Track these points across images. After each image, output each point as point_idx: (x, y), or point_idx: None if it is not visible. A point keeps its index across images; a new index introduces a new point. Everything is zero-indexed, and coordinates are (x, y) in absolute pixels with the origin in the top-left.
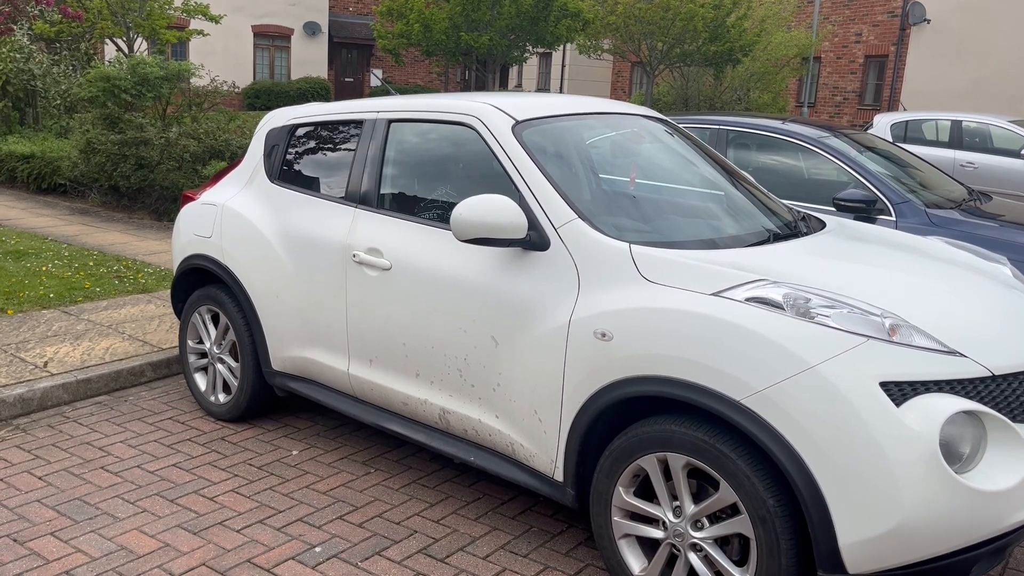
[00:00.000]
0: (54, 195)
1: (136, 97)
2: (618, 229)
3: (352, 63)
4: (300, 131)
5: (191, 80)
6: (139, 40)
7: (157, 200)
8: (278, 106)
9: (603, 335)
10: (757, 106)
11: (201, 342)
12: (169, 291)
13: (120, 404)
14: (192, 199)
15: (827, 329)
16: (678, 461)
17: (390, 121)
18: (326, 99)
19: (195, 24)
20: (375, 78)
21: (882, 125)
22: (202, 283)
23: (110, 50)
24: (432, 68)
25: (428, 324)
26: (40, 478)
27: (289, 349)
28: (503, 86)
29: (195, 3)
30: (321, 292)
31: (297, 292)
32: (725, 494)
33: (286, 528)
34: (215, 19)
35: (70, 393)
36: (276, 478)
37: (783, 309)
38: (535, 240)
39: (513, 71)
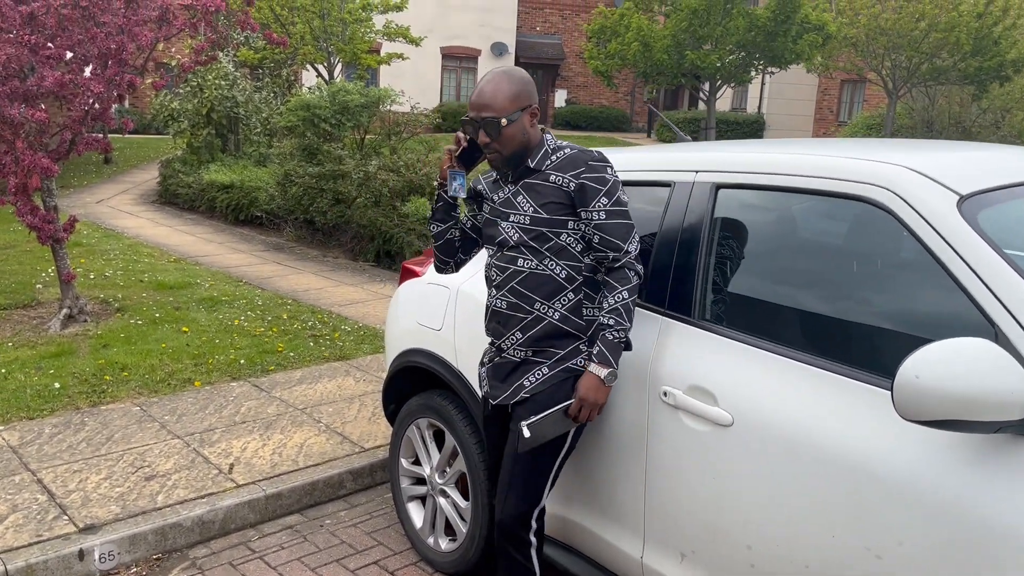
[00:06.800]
0: (250, 227)
1: (335, 127)
2: None
3: (538, 83)
4: None
5: (391, 105)
6: (338, 65)
7: (353, 239)
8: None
9: None
10: (1019, 131)
11: (418, 462)
12: (368, 358)
13: (315, 531)
14: (415, 274)
15: None
16: None
17: (717, 187)
18: None
19: (389, 47)
20: (560, 99)
21: None
22: (423, 385)
23: (308, 76)
24: (612, 87)
25: (804, 527)
26: None
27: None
28: (693, 106)
29: (396, 26)
30: (607, 433)
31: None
32: None
33: None
34: (415, 41)
35: (257, 513)
36: None
37: None
38: None
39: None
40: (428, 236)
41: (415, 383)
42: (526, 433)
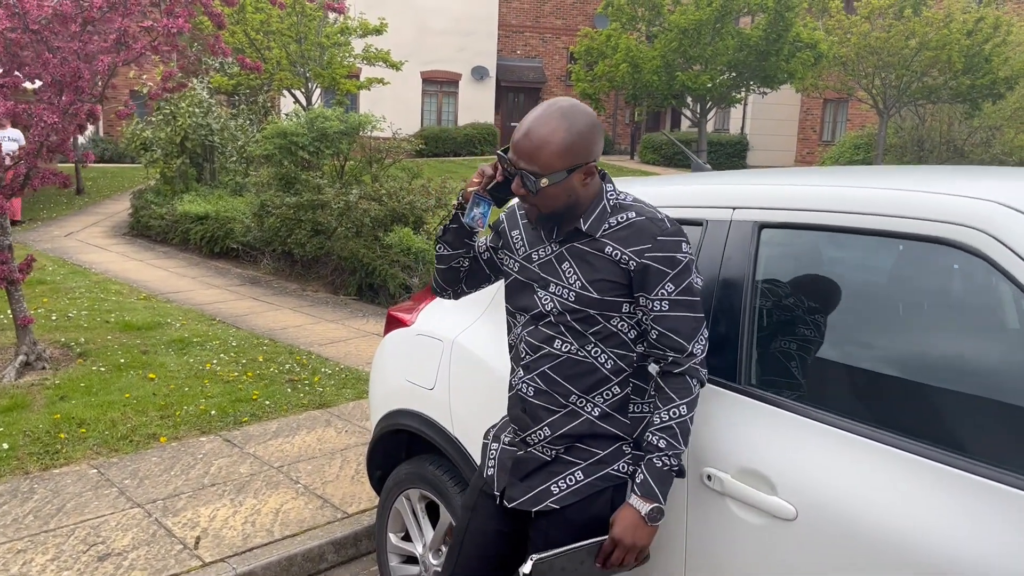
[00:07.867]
0: (226, 260)
1: (314, 155)
2: None
3: (519, 107)
4: None
5: (371, 131)
6: (316, 90)
7: (333, 272)
8: (445, 153)
9: None
10: (1011, 149)
11: (408, 538)
12: (351, 404)
13: None
14: (402, 322)
15: None
16: None
17: (760, 226)
18: (492, 144)
19: (368, 71)
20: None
21: None
22: (413, 449)
23: (286, 102)
24: (600, 110)
25: None
26: None
27: None
28: (675, 127)
29: (375, 50)
30: None
31: None
32: None
33: None
34: (396, 65)
35: None
36: None
37: None
38: None
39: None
40: (426, 262)
41: (404, 447)
42: (526, 568)
